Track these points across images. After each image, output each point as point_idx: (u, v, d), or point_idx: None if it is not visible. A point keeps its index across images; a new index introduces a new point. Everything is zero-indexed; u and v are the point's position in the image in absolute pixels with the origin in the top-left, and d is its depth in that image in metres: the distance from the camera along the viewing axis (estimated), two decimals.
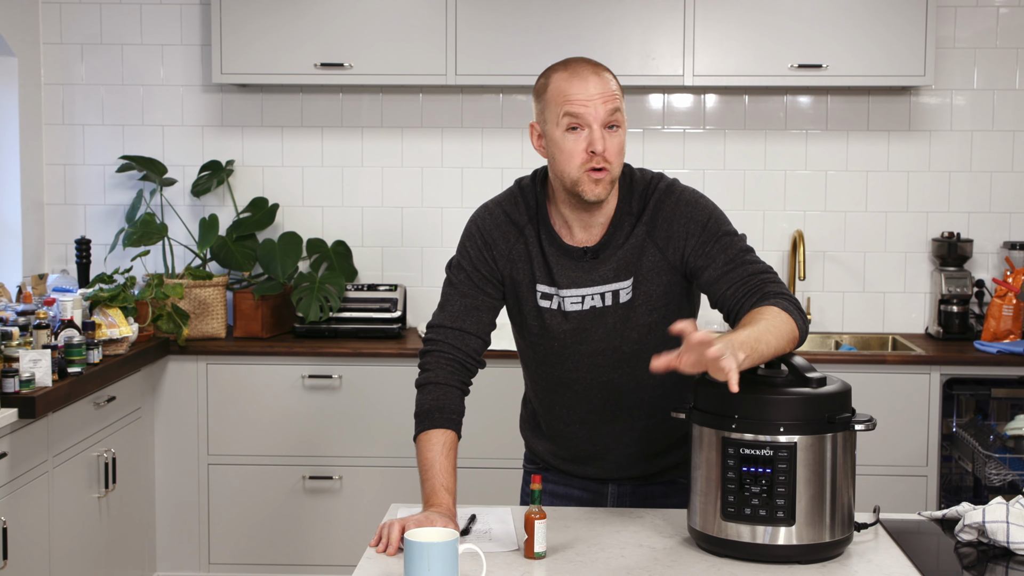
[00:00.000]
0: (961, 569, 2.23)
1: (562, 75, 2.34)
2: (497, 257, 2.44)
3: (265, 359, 4.40)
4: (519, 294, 2.44)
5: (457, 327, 2.45)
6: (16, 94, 4.64)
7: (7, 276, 4.62)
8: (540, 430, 2.61)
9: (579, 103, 2.30)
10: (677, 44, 4.44)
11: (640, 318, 2.40)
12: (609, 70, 2.40)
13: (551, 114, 2.33)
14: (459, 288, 2.46)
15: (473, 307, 2.45)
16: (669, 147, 4.80)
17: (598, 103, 2.31)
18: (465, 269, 2.46)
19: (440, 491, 2.33)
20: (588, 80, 2.33)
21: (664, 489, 2.59)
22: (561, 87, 2.33)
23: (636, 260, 2.38)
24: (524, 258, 2.43)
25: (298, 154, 4.87)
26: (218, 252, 4.67)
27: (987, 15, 4.72)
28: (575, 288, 2.39)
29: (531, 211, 2.44)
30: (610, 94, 2.33)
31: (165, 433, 4.43)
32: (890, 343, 4.69)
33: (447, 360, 2.46)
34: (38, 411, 3.41)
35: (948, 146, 4.78)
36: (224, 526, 4.44)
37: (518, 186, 2.48)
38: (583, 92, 2.31)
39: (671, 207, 2.38)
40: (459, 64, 4.45)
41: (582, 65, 2.36)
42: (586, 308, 2.40)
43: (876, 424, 2.19)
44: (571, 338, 2.42)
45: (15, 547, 3.36)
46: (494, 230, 2.45)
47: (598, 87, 2.32)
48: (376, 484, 4.37)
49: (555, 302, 2.41)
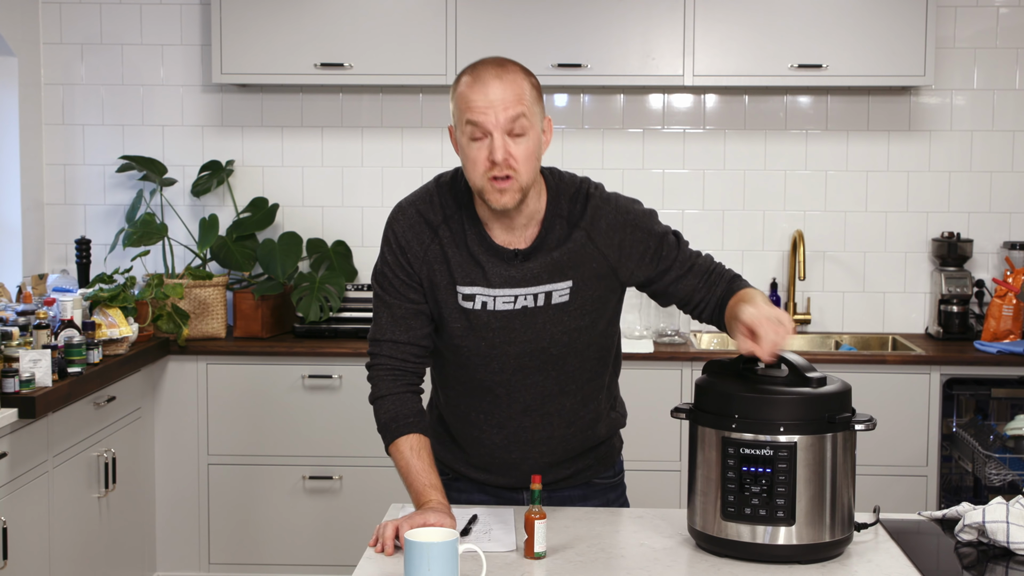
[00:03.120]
0: (961, 569, 2.23)
1: (466, 80, 2.27)
2: (412, 260, 2.38)
3: (265, 359, 4.40)
4: (438, 297, 2.38)
5: (389, 339, 2.41)
6: (16, 94, 4.64)
7: (7, 276, 4.62)
8: (448, 437, 2.56)
9: (479, 111, 2.23)
10: (677, 44, 4.44)
11: (572, 321, 2.38)
12: (522, 69, 2.30)
13: (457, 120, 2.28)
14: (383, 299, 2.42)
15: (400, 317, 2.40)
16: (669, 147, 4.80)
17: (499, 110, 2.22)
18: (387, 276, 2.40)
19: (427, 490, 2.31)
20: (489, 86, 2.23)
21: (582, 492, 2.56)
22: (464, 93, 2.25)
23: (575, 264, 2.35)
24: (440, 259, 2.37)
25: (298, 154, 4.87)
26: (218, 252, 4.67)
27: (987, 15, 4.73)
28: (508, 288, 2.35)
29: (448, 209, 2.37)
30: (512, 100, 2.23)
31: (165, 433, 4.43)
32: (890, 343, 4.69)
33: (388, 371, 2.43)
34: (38, 411, 3.41)
35: (948, 146, 4.78)
36: (224, 526, 4.44)
37: (435, 183, 2.42)
38: (483, 99, 2.22)
39: (613, 215, 2.37)
40: (459, 64, 4.45)
41: (486, 68, 2.26)
42: (517, 308, 2.36)
43: (876, 424, 2.19)
44: (499, 338, 2.37)
45: (15, 547, 3.36)
46: (407, 231, 2.38)
47: (499, 93, 2.23)
48: (376, 484, 4.37)
49: (479, 302, 2.35)
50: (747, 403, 2.14)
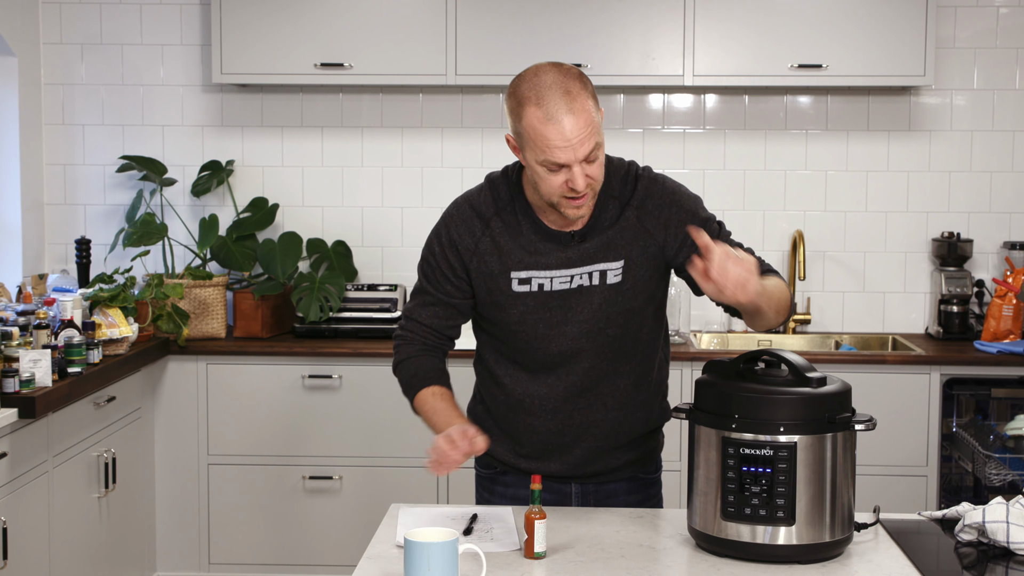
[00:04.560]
0: (961, 569, 2.24)
1: (536, 114, 2.25)
2: (463, 252, 2.44)
3: (265, 359, 4.40)
4: (491, 286, 2.43)
5: (415, 319, 2.51)
6: (16, 94, 4.64)
7: (7, 276, 4.62)
8: (498, 429, 2.56)
9: (556, 151, 2.24)
10: (677, 44, 4.44)
11: (626, 302, 2.42)
12: (584, 87, 2.28)
13: (528, 149, 2.29)
14: (422, 285, 2.50)
15: (429, 303, 2.49)
16: (669, 147, 4.80)
17: (576, 147, 2.23)
18: (430, 264, 2.48)
19: (452, 420, 2.38)
20: (563, 123, 2.23)
21: (627, 486, 2.59)
22: (536, 128, 2.25)
23: (627, 244, 2.40)
24: (492, 249, 2.42)
25: (298, 154, 4.87)
26: (218, 252, 4.67)
27: (987, 15, 4.72)
28: (565, 268, 2.39)
29: (501, 201, 2.43)
30: (588, 133, 2.24)
31: (165, 433, 4.43)
32: (890, 343, 4.69)
33: (408, 342, 2.52)
34: (38, 411, 3.41)
35: (948, 146, 4.78)
36: (224, 526, 4.44)
37: (488, 180, 2.49)
38: (559, 138, 2.23)
39: (660, 194, 2.42)
40: (459, 64, 4.45)
41: (555, 101, 2.24)
42: (573, 287, 2.40)
43: (876, 424, 2.19)
44: (556, 317, 2.41)
45: (15, 547, 3.36)
46: (459, 225, 2.45)
47: (575, 129, 2.23)
48: (376, 484, 4.37)
49: (535, 284, 2.40)
50: (747, 403, 2.14)
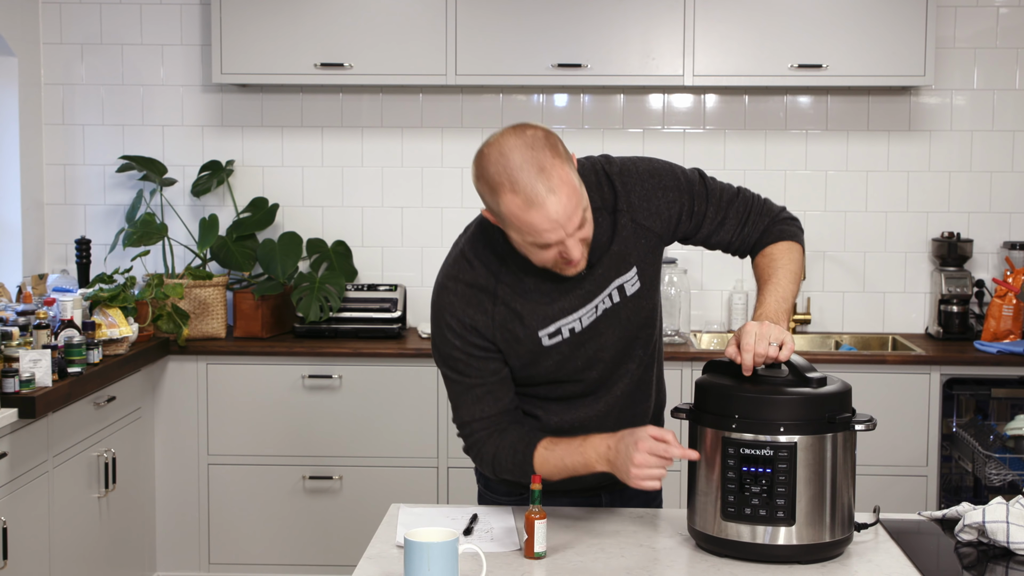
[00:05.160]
0: (961, 569, 2.23)
1: (514, 201, 2.09)
2: (483, 331, 2.27)
3: (265, 359, 4.40)
4: (520, 350, 2.30)
5: (479, 418, 2.33)
6: (16, 94, 4.64)
7: (7, 276, 4.62)
8: None
9: (546, 233, 2.10)
10: (677, 44, 4.43)
11: (647, 303, 2.38)
12: (555, 155, 2.10)
13: (512, 231, 2.15)
14: (462, 382, 2.32)
15: (485, 394, 2.31)
16: (669, 147, 4.80)
17: (565, 225, 2.10)
18: (460, 359, 2.30)
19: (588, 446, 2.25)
20: (547, 205, 2.07)
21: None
22: (518, 216, 2.10)
23: (632, 249, 2.32)
24: (511, 316, 2.28)
25: (298, 154, 4.87)
26: (218, 252, 4.67)
27: (987, 15, 4.72)
28: (587, 303, 2.30)
29: (492, 266, 2.27)
30: (573, 204, 2.09)
31: (165, 433, 4.43)
32: (890, 343, 4.69)
33: (487, 439, 2.34)
34: (38, 411, 3.41)
35: (948, 146, 4.78)
36: (224, 526, 4.44)
37: (467, 245, 2.30)
38: (545, 222, 2.09)
39: (640, 184, 2.33)
40: (459, 64, 4.45)
41: (532, 184, 2.07)
42: (600, 314, 2.32)
43: (876, 424, 2.19)
44: (591, 350, 2.33)
45: (15, 547, 3.36)
46: (466, 308, 2.27)
47: (559, 208, 2.08)
48: (376, 484, 4.37)
49: (566, 331, 2.30)
50: (747, 403, 2.14)
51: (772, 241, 2.43)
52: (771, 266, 2.38)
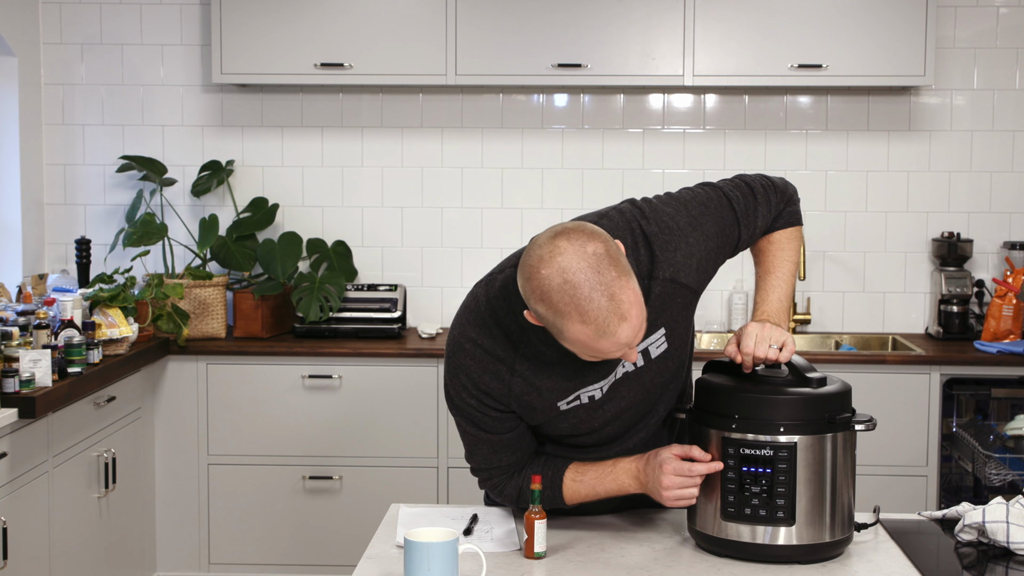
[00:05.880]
0: (961, 569, 2.23)
1: (584, 332, 1.96)
2: (498, 397, 2.19)
3: (265, 359, 4.40)
4: (536, 416, 2.23)
5: (496, 466, 2.29)
6: (16, 94, 4.64)
7: (7, 276, 4.62)
8: None
9: (614, 353, 2.01)
10: (677, 44, 4.43)
11: (674, 362, 2.28)
12: (622, 272, 1.97)
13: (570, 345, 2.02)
14: (477, 435, 2.26)
15: (503, 446, 2.26)
16: (669, 147, 4.80)
17: (632, 342, 2.00)
18: (474, 416, 2.23)
19: (619, 470, 2.24)
20: (619, 334, 1.96)
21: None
22: (586, 343, 1.98)
23: (662, 310, 2.20)
24: (528, 390, 2.18)
25: (298, 154, 4.87)
26: (218, 252, 4.67)
27: (987, 15, 4.72)
28: (609, 374, 2.21)
29: (513, 336, 2.15)
30: (640, 325, 1.98)
31: (165, 433, 4.43)
32: (890, 343, 4.69)
33: (506, 480, 2.31)
34: (38, 411, 3.41)
35: (948, 146, 4.78)
36: (224, 526, 4.44)
37: (488, 314, 2.17)
38: (615, 347, 1.99)
39: (684, 242, 2.20)
40: (459, 64, 4.45)
41: (605, 315, 1.95)
42: (619, 378, 2.23)
43: (876, 424, 2.19)
44: (609, 411, 2.26)
45: (15, 547, 3.36)
46: (483, 375, 2.17)
47: (630, 333, 1.97)
48: (376, 484, 4.37)
49: (585, 398, 2.22)
50: (747, 403, 2.14)
51: (779, 227, 2.37)
52: (776, 257, 2.34)
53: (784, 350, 2.16)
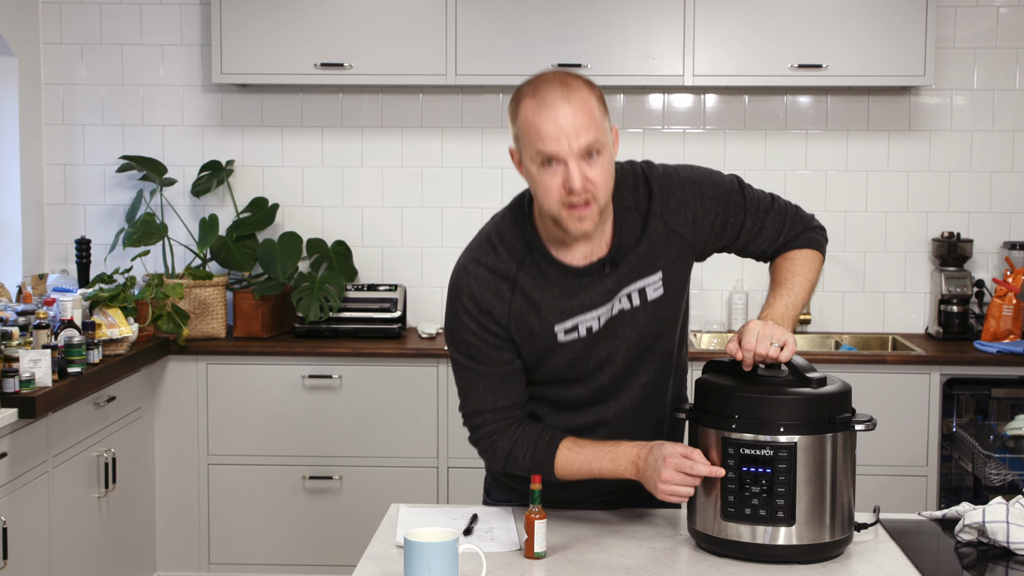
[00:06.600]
0: (961, 569, 2.24)
1: (530, 104, 2.12)
2: (499, 319, 2.24)
3: (265, 359, 4.40)
4: (534, 344, 2.26)
5: (489, 408, 2.29)
6: (16, 94, 4.64)
7: (7, 276, 4.62)
8: None
9: (550, 140, 2.10)
10: (677, 44, 4.44)
11: (670, 312, 2.32)
12: (586, 84, 2.17)
13: (524, 147, 2.15)
14: (474, 369, 2.28)
15: (497, 384, 2.28)
16: (669, 147, 4.80)
17: (571, 137, 2.10)
18: (473, 344, 2.26)
19: (617, 453, 2.24)
20: (558, 110, 2.10)
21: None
22: (530, 120, 2.11)
23: (660, 253, 2.27)
24: (528, 308, 2.24)
25: (298, 154, 4.87)
26: (218, 252, 4.67)
27: (987, 15, 4.73)
28: (607, 302, 2.26)
29: (518, 253, 2.25)
30: (584, 124, 2.11)
31: (165, 433, 4.43)
32: (890, 343, 4.69)
33: (499, 433, 2.31)
34: (38, 411, 3.41)
35: (948, 146, 4.78)
36: (224, 526, 4.44)
37: (493, 229, 2.30)
38: (553, 127, 2.09)
39: (680, 190, 2.30)
40: (459, 64, 4.45)
41: (550, 89, 2.12)
42: (615, 314, 2.27)
43: (876, 424, 2.19)
44: (604, 351, 2.29)
45: (15, 547, 3.36)
46: (484, 292, 2.24)
47: (570, 118, 2.10)
48: (376, 484, 4.37)
49: (583, 329, 2.26)
50: (747, 403, 2.14)
51: (797, 247, 2.40)
52: (790, 271, 2.37)
53: (785, 349, 2.16)
